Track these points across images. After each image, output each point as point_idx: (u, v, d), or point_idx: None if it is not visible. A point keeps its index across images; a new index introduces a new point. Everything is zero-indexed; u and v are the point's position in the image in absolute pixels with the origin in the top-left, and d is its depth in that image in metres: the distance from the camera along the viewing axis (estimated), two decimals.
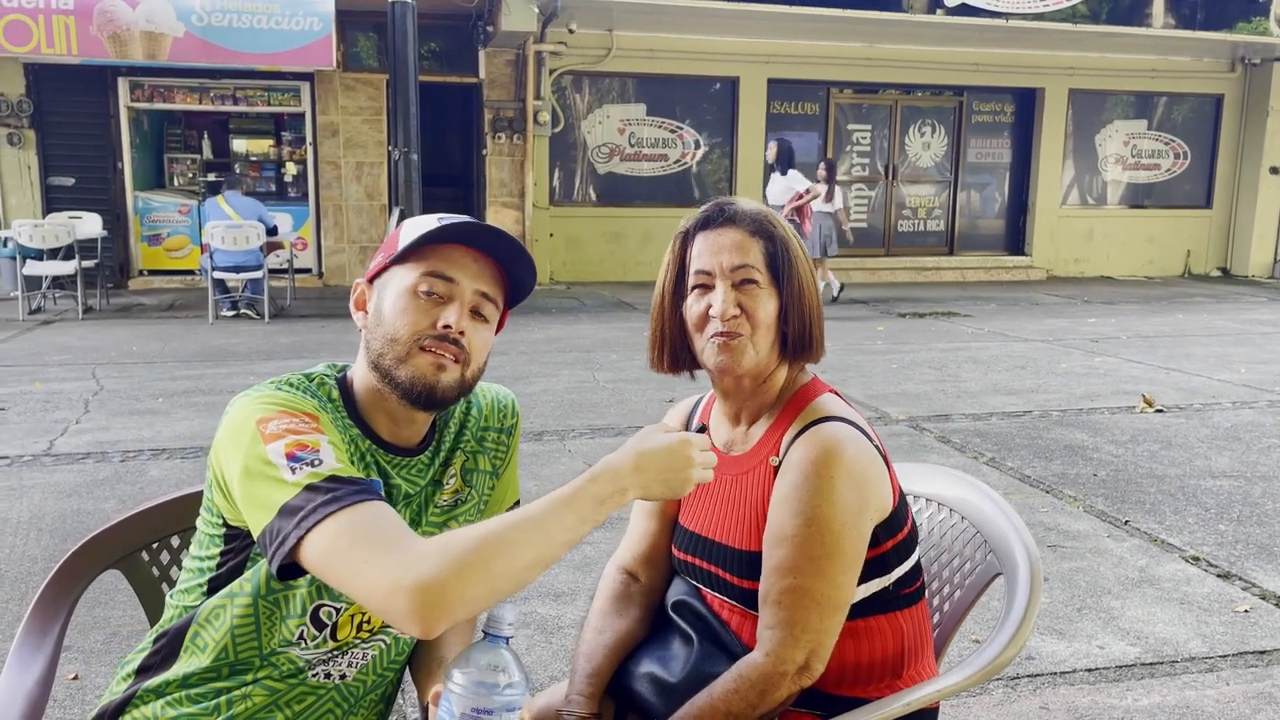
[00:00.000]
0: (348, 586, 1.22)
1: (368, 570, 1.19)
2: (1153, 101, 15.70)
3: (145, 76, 12.25)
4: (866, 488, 1.54)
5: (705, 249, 1.62)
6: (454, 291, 1.45)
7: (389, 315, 1.45)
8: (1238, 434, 5.95)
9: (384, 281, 1.49)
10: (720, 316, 1.58)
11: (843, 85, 14.52)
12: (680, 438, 1.35)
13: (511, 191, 13.38)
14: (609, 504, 1.29)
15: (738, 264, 1.59)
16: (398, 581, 1.16)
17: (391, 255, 1.47)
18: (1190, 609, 3.60)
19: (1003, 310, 11.60)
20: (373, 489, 1.30)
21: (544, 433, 5.82)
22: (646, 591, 1.78)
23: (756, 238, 1.61)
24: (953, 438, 5.81)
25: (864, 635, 1.59)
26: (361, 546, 1.20)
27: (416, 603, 1.15)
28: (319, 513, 1.23)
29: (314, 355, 8.23)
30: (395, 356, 1.44)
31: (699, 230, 1.64)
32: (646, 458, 1.32)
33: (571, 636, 3.32)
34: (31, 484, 4.87)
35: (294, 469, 1.28)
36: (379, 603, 1.19)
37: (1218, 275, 15.95)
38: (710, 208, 1.65)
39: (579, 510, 1.26)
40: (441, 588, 1.16)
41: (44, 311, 10.71)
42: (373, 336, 1.47)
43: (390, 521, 1.25)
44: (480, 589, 1.19)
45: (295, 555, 1.24)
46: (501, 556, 1.20)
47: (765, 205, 1.67)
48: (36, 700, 1.57)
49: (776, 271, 1.60)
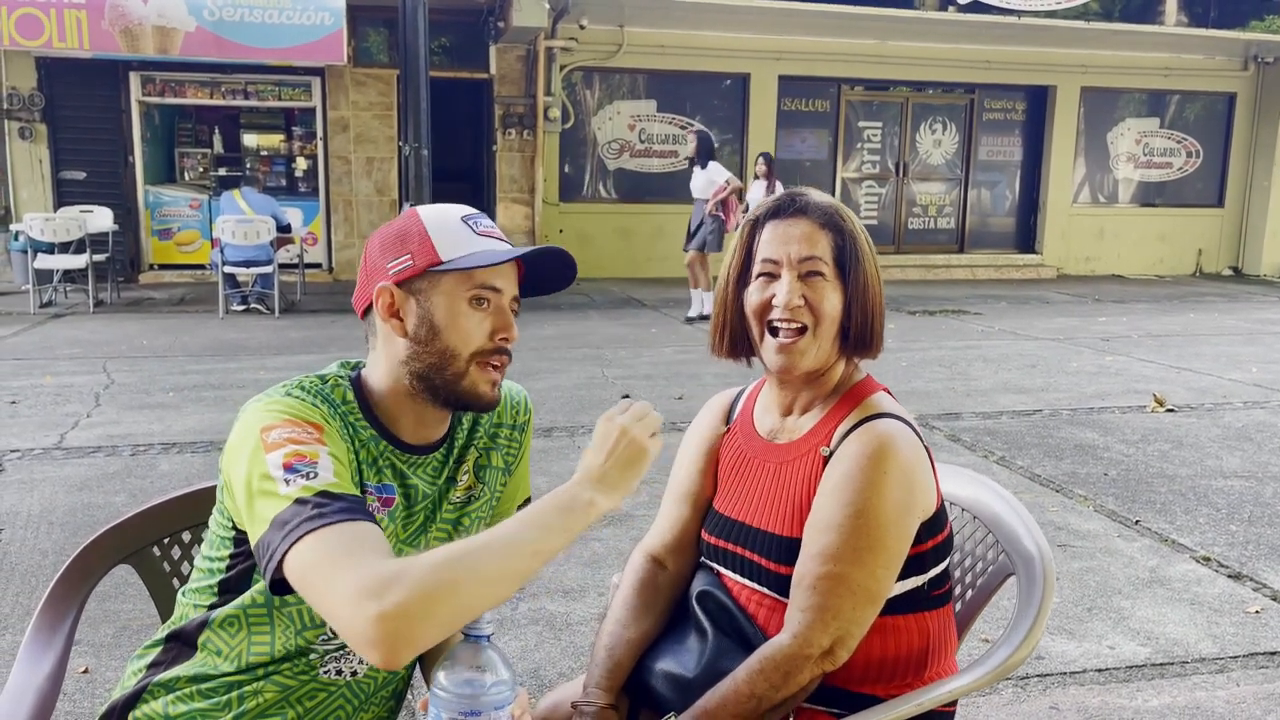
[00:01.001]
0: (318, 606, 1.20)
1: (334, 593, 1.16)
2: (1165, 100, 15.63)
3: (157, 71, 12.28)
4: (916, 486, 1.55)
5: (774, 238, 1.62)
6: (500, 302, 1.45)
7: (446, 329, 1.42)
8: (1249, 434, 5.93)
9: (425, 288, 1.43)
10: (784, 306, 1.59)
11: (854, 82, 14.49)
12: (604, 425, 1.34)
13: (522, 187, 13.38)
14: (576, 514, 1.26)
15: (805, 255, 1.59)
16: (361, 608, 1.12)
17: (432, 259, 1.42)
18: (1201, 609, 3.58)
19: (1013, 308, 11.57)
20: (362, 508, 1.28)
21: (553, 429, 5.82)
22: (673, 582, 1.78)
23: (826, 230, 1.61)
24: (963, 436, 5.80)
25: (892, 632, 1.59)
26: (334, 566, 1.17)
27: (379, 631, 1.11)
28: (302, 528, 1.21)
29: (324, 350, 8.24)
30: (455, 372, 1.43)
31: (769, 219, 1.65)
32: (588, 458, 1.32)
33: (580, 633, 3.32)
34: (42, 477, 4.88)
35: (288, 480, 1.26)
36: (343, 627, 1.15)
37: (1229, 274, 15.88)
38: (782, 197, 1.66)
39: (542, 522, 1.24)
40: (405, 616, 1.11)
41: (55, 305, 10.74)
42: (424, 350, 1.43)
43: (370, 543, 1.21)
44: (446, 614, 1.15)
45: (281, 570, 1.22)
46: (467, 579, 1.16)
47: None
48: (47, 694, 1.57)
49: (843, 265, 1.61)
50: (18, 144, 12.09)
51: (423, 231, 1.44)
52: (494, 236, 1.46)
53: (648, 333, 9.48)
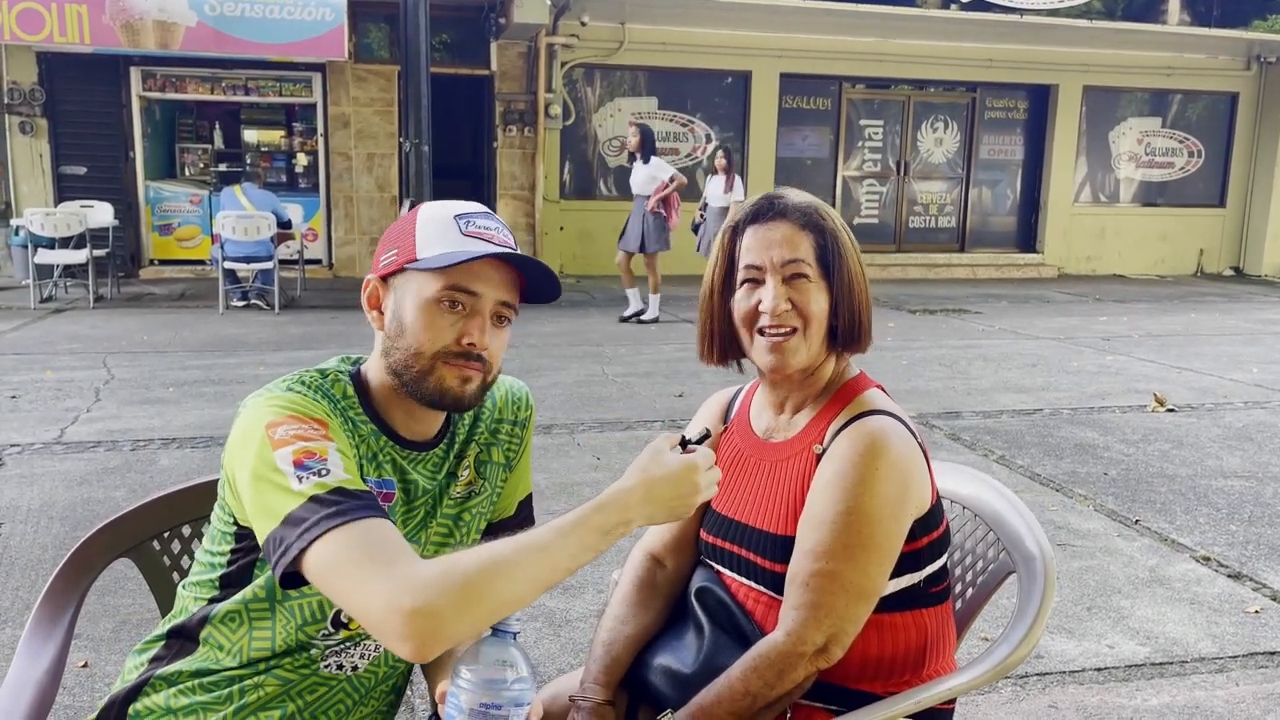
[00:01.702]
0: (345, 602, 1.22)
1: (366, 590, 1.18)
2: (1167, 99, 15.61)
3: (157, 66, 12.26)
4: (908, 483, 1.55)
5: (755, 243, 1.62)
6: (478, 306, 1.43)
7: (411, 328, 1.42)
8: (1249, 434, 5.93)
9: (401, 285, 1.44)
10: (771, 312, 1.59)
11: (855, 80, 14.47)
12: (686, 463, 1.35)
13: (522, 184, 13.37)
14: (613, 535, 1.29)
15: (788, 258, 1.59)
16: (396, 604, 1.16)
17: (410, 256, 1.42)
18: (1200, 609, 3.58)
19: (1014, 308, 11.57)
20: (377, 504, 1.30)
21: (553, 426, 5.82)
22: (672, 580, 1.79)
23: (806, 231, 1.61)
24: (963, 435, 5.80)
25: (889, 629, 1.60)
26: (362, 564, 1.20)
27: (412, 627, 1.15)
28: (322, 525, 1.23)
29: (324, 346, 8.24)
30: (420, 370, 1.43)
31: (748, 224, 1.64)
32: (655, 487, 1.32)
33: (579, 630, 3.32)
34: (42, 472, 4.88)
35: (300, 478, 1.27)
36: (374, 623, 1.18)
37: (1230, 275, 15.87)
38: (760, 201, 1.65)
39: (583, 539, 1.26)
40: (438, 614, 1.15)
41: (55, 300, 10.74)
42: (393, 345, 1.45)
43: (392, 540, 1.24)
44: (477, 615, 1.19)
45: (298, 565, 1.24)
46: (501, 584, 1.19)
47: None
48: (47, 688, 1.57)
49: (827, 265, 1.61)
50: (18, 139, 12.08)
51: (412, 228, 1.45)
52: (484, 237, 1.43)
53: (647, 330, 9.48)
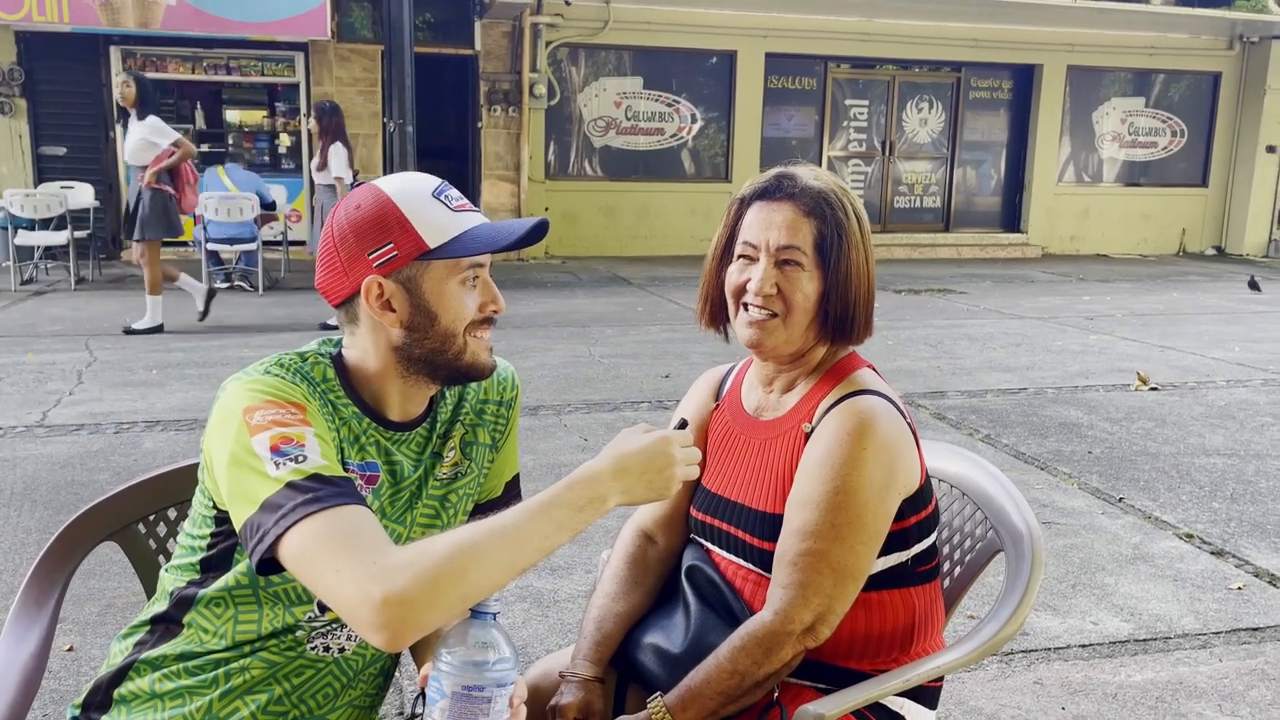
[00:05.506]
0: (319, 590, 1.22)
1: (339, 577, 1.18)
2: (1150, 79, 15.64)
3: (138, 45, 12.13)
4: (896, 463, 1.55)
5: (756, 221, 1.61)
6: (484, 274, 1.47)
7: (444, 313, 1.42)
8: (1231, 412, 5.97)
9: (413, 275, 1.40)
10: (755, 293, 1.59)
11: (840, 60, 14.44)
12: (659, 437, 1.34)
13: (507, 165, 13.31)
14: (588, 511, 1.27)
15: (784, 244, 1.58)
16: (366, 593, 1.15)
17: (420, 246, 1.39)
18: (1184, 586, 3.61)
19: (998, 287, 11.60)
20: (354, 491, 1.29)
21: (540, 407, 5.81)
22: (663, 557, 1.79)
23: (810, 218, 1.59)
24: (948, 415, 5.82)
25: (876, 608, 1.60)
26: (336, 553, 1.19)
27: (384, 616, 1.14)
28: (298, 512, 1.22)
29: (308, 328, 8.20)
30: (457, 349, 1.44)
31: (755, 199, 1.63)
32: (625, 460, 1.30)
33: (568, 610, 3.33)
34: (25, 455, 4.85)
35: (278, 463, 1.27)
36: (347, 612, 1.18)
37: (1213, 254, 15.94)
38: (770, 179, 1.63)
39: (555, 517, 1.24)
40: (409, 602, 1.14)
41: (36, 282, 10.65)
42: (422, 336, 1.43)
43: (368, 528, 1.24)
44: (450, 601, 1.18)
45: (273, 552, 1.23)
46: (473, 568, 1.18)
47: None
48: (32, 672, 1.57)
49: (825, 254, 1.59)
50: None
51: (401, 217, 1.39)
52: (467, 210, 1.44)
53: (634, 311, 9.46)
